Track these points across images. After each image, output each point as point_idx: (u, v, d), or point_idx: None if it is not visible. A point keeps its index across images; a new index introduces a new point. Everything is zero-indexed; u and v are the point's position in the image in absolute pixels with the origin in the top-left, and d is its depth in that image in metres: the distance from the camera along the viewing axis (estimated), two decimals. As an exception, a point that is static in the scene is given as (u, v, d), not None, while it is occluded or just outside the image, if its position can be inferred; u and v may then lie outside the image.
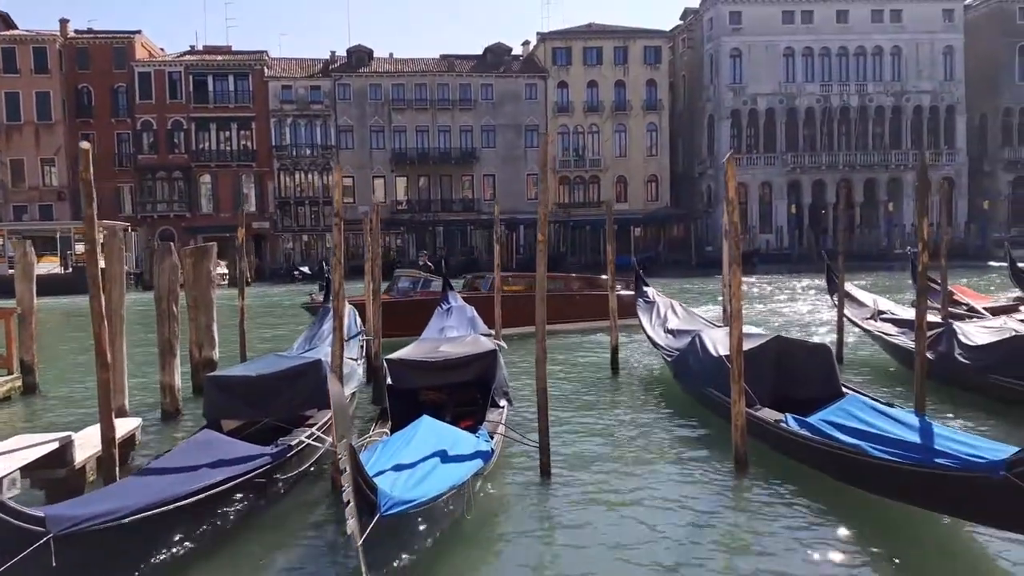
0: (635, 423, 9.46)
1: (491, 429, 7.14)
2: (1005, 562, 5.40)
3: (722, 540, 6.00)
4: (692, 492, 6.97)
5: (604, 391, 11.47)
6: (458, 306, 12.74)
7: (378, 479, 4.52)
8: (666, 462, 7.88)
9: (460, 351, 8.56)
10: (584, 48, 53.51)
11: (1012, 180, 51.18)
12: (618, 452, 8.25)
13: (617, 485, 7.18)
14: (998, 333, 10.12)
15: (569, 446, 8.35)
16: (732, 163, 7.54)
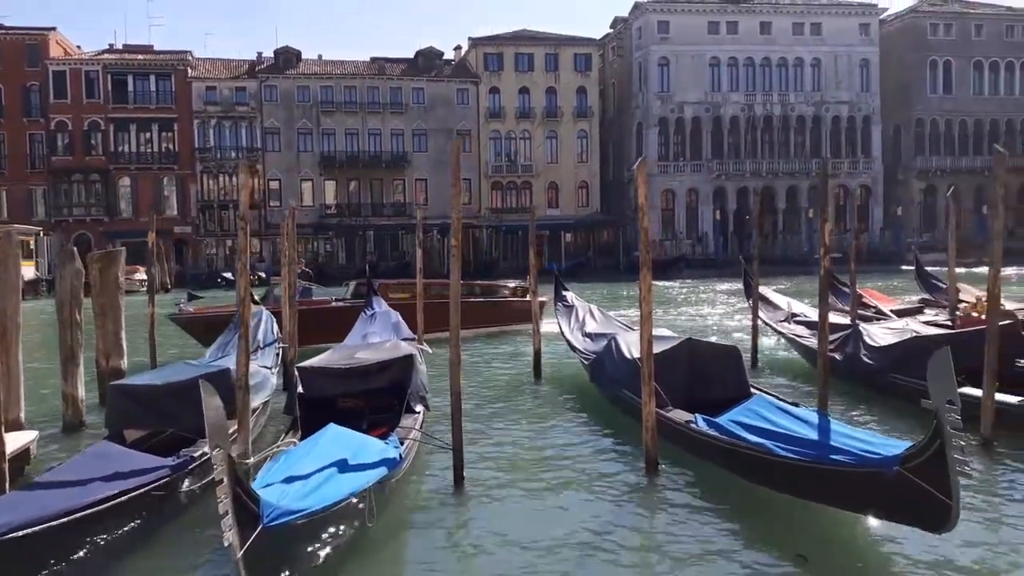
0: (552, 427, 9.52)
1: (404, 435, 7.07)
2: (902, 557, 5.61)
3: (632, 541, 6.08)
4: (604, 494, 7.04)
5: (525, 395, 11.52)
6: (382, 311, 12.60)
7: (268, 489, 4.42)
8: (580, 465, 7.94)
9: (375, 357, 8.46)
10: (516, 54, 53.80)
11: (924, 188, 53.63)
12: (533, 456, 8.29)
13: (530, 489, 7.20)
14: (900, 334, 10.56)
15: (485, 450, 8.34)
16: (642, 170, 7.68)
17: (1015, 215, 50.67)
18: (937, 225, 50.89)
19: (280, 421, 9.28)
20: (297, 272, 28.51)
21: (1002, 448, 7.73)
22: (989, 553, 5.65)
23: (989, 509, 6.44)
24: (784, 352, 13.86)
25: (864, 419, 9.39)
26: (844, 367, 10.57)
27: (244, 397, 6.45)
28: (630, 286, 34.82)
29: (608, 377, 9.90)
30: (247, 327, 6.39)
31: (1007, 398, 8.07)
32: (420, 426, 7.59)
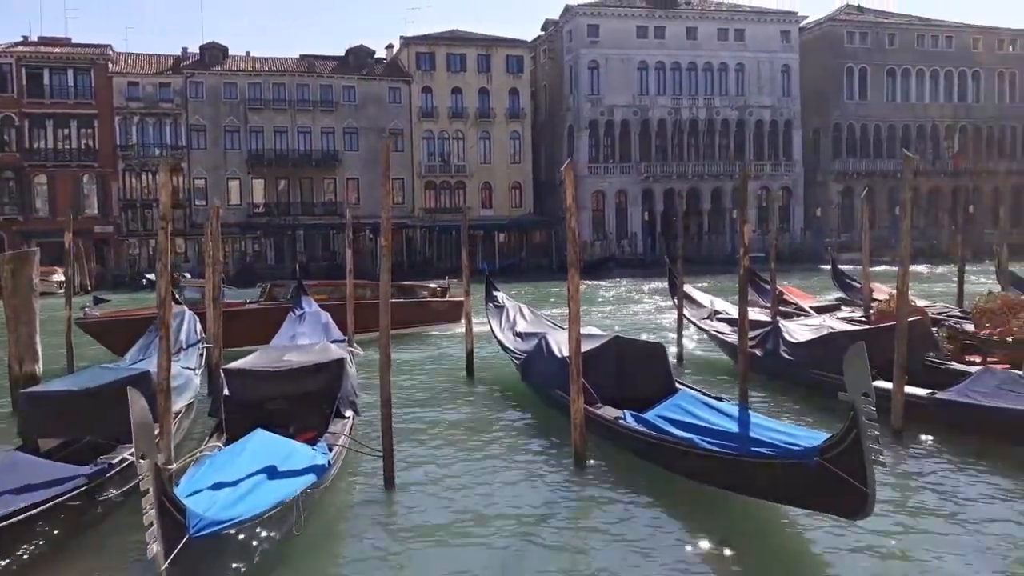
0: (483, 426, 9.56)
1: (333, 441, 6.99)
2: (820, 543, 5.84)
3: (562, 536, 6.17)
4: (534, 492, 7.12)
5: (457, 395, 11.53)
6: (311, 312, 12.41)
7: (193, 498, 4.33)
8: (511, 463, 8.01)
9: (304, 359, 8.34)
10: (448, 54, 53.65)
11: (841, 190, 55.75)
12: (464, 456, 8.32)
13: (461, 489, 7.22)
14: (817, 331, 10.98)
15: (416, 453, 8.33)
16: (570, 172, 7.79)
17: (926, 216, 53.22)
18: (855, 226, 52.99)
19: (204, 424, 9.07)
20: (200, 274, 27.41)
21: (911, 439, 8.14)
22: (901, 539, 5.95)
23: (900, 497, 6.77)
24: (708, 349, 14.23)
25: (784, 412, 9.73)
26: (765, 362, 10.93)
27: (166, 401, 6.28)
28: (562, 285, 35.05)
29: (539, 375, 10.00)
30: (168, 328, 6.23)
31: (916, 391, 8.49)
32: (349, 432, 7.52)
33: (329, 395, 8.07)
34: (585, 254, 48.33)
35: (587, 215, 52.86)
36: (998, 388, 8.02)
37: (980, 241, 38.55)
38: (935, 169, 55.73)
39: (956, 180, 55.68)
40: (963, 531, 6.03)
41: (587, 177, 52.92)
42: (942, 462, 7.61)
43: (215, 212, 9.72)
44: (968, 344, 11.22)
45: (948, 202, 53.91)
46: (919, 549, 5.76)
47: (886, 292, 14.50)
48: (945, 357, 10.33)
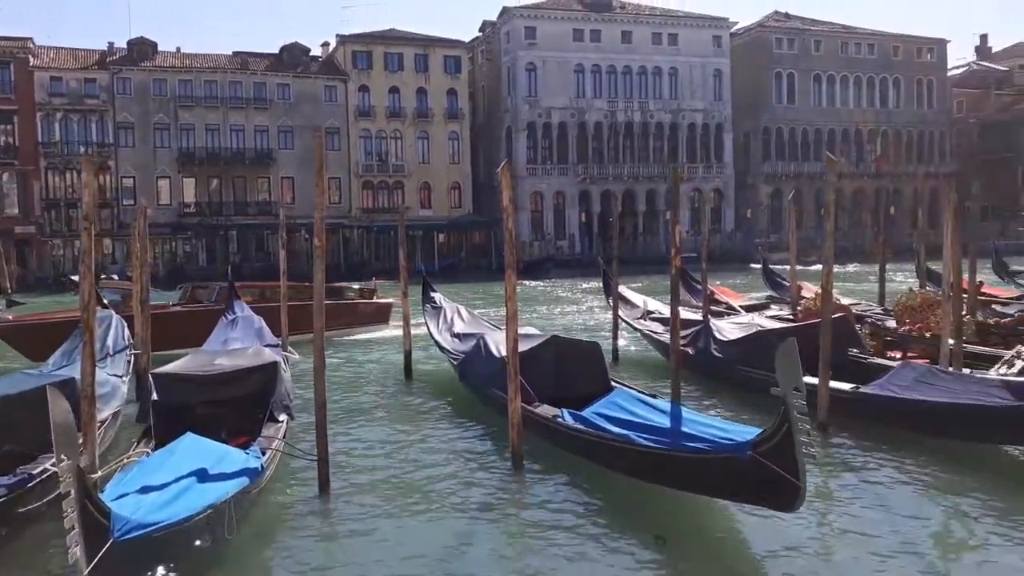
0: (421, 428, 9.54)
1: (266, 445, 6.88)
2: (756, 536, 6.01)
3: (500, 536, 6.21)
4: (472, 492, 7.14)
5: (394, 397, 11.47)
6: (244, 316, 12.14)
7: (119, 502, 4.21)
8: (448, 464, 8.01)
9: (237, 363, 8.17)
10: (385, 53, 53.19)
11: (771, 191, 57.38)
12: (401, 458, 8.28)
13: (398, 491, 7.19)
14: (746, 329, 11.30)
15: (352, 456, 8.25)
16: (506, 173, 7.83)
17: (851, 217, 55.17)
18: (784, 226, 54.57)
19: (132, 431, 8.80)
20: (127, 276, 26.44)
21: (836, 432, 8.45)
22: (829, 528, 6.19)
23: (826, 488, 7.03)
24: (642, 347, 14.47)
25: (716, 408, 9.98)
26: (696, 360, 11.18)
27: (90, 408, 6.07)
28: (501, 286, 35.09)
29: (477, 376, 10.02)
30: (92, 333, 6.03)
31: (841, 385, 8.81)
32: (283, 435, 7.40)
33: (262, 399, 7.93)
34: (524, 254, 48.54)
35: (526, 216, 53.10)
36: (917, 381, 8.38)
37: (901, 241, 40.16)
38: (859, 172, 57.85)
39: (878, 182, 57.93)
40: (885, 519, 6.30)
41: (525, 178, 53.18)
42: (865, 453, 7.92)
43: (142, 212, 9.44)
44: (889, 340, 11.70)
45: (871, 203, 56.02)
46: (846, 538, 6.00)
47: (813, 291, 15.00)
48: (868, 352, 10.74)
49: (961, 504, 6.59)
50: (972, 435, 7.68)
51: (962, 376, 8.55)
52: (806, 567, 5.54)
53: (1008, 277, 19.94)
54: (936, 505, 6.64)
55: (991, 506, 6.47)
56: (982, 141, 63.22)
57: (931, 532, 6.11)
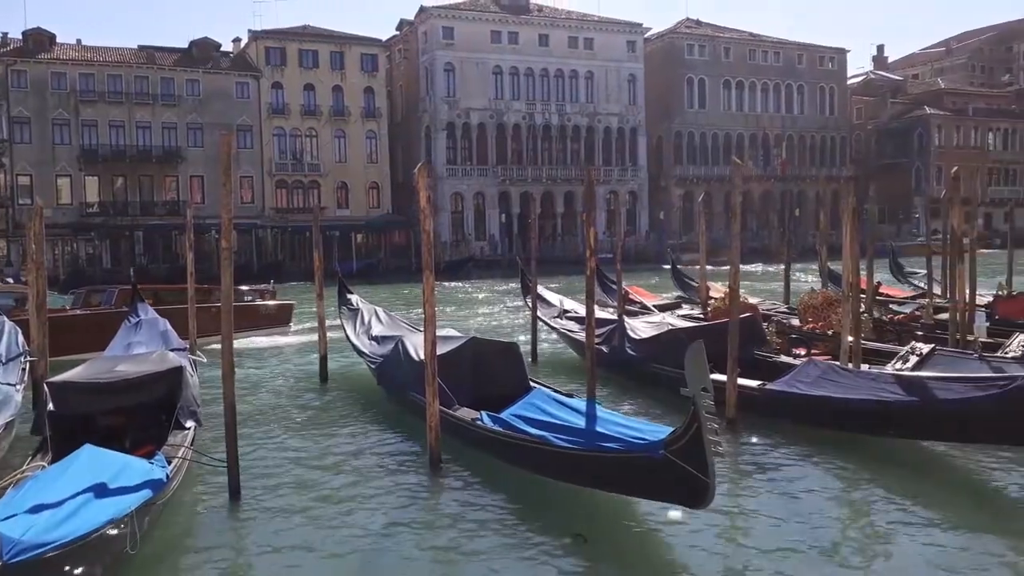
0: (337, 433, 9.38)
1: (171, 453, 6.62)
2: (669, 533, 6.17)
3: (417, 541, 6.15)
4: (388, 498, 7.06)
5: (309, 402, 11.24)
6: (148, 319, 11.63)
7: (9, 522, 3.97)
8: (364, 469, 7.90)
9: (140, 370, 7.83)
10: (300, 50, 52.07)
11: (682, 194, 58.96)
12: (316, 464, 8.12)
13: (313, 498, 7.05)
14: (658, 328, 11.57)
15: (265, 463, 8.05)
16: (423, 174, 7.79)
17: (758, 218, 57.23)
18: (695, 228, 56.23)
19: (27, 444, 8.33)
20: (21, 279, 24.91)
21: (744, 428, 8.74)
22: (740, 522, 6.40)
23: (735, 483, 7.27)
24: (560, 347, 14.63)
25: (631, 405, 10.20)
26: (611, 358, 11.38)
27: (-21, 420, 5.72)
28: (421, 287, 35.03)
29: (395, 379, 9.92)
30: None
31: (748, 383, 9.12)
32: (191, 443, 7.14)
33: (168, 406, 7.63)
34: (444, 255, 48.36)
35: (446, 216, 52.93)
36: (820, 378, 8.75)
37: (805, 242, 41.92)
38: (766, 175, 60.10)
39: (784, 185, 60.35)
40: (793, 512, 6.57)
41: (445, 179, 53.01)
42: (772, 448, 8.24)
43: (38, 212, 8.94)
44: (794, 338, 12.21)
45: (778, 205, 58.29)
46: (756, 531, 6.22)
47: (721, 290, 15.49)
48: (774, 350, 11.16)
49: (863, 495, 6.93)
50: (871, 429, 8.07)
51: (861, 372, 8.98)
52: (720, 561, 5.72)
53: (903, 277, 21.08)
54: (840, 497, 6.97)
55: (890, 496, 6.83)
56: (879, 147, 66.67)
57: (836, 523, 6.41)
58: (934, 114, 64.92)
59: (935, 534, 6.06)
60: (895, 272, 21.47)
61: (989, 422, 7.08)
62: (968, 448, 7.76)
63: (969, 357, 9.68)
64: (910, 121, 65.71)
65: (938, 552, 5.75)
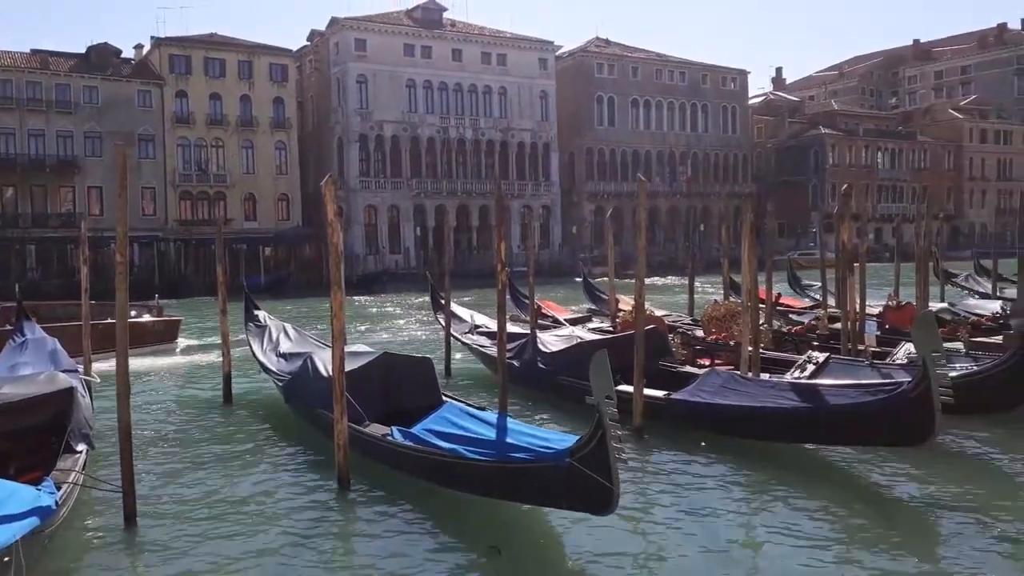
0: (241, 453, 9.10)
1: (62, 478, 6.28)
2: (577, 540, 6.25)
3: (324, 562, 6.03)
4: (294, 518, 6.89)
5: (213, 422, 10.86)
6: (36, 338, 10.98)
7: None
8: (270, 490, 7.69)
9: (25, 391, 7.38)
10: (206, 58, 50.55)
11: (594, 209, 60.09)
12: (218, 486, 7.85)
13: (215, 522, 6.82)
14: (568, 340, 11.75)
15: (164, 486, 7.73)
16: (329, 187, 7.71)
17: (666, 232, 58.88)
18: (606, 242, 57.40)
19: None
20: None
21: (650, 436, 8.96)
22: (645, 528, 6.54)
23: (640, 490, 7.44)
24: (474, 361, 14.65)
25: (542, 419, 10.28)
26: (522, 372, 11.48)
27: None
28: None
29: (303, 396, 9.70)
30: None
31: (654, 392, 9.36)
32: (82, 467, 6.79)
33: (58, 429, 7.23)
34: (357, 269, 47.72)
35: (359, 229, 52.27)
36: (721, 387, 9.08)
37: (710, 255, 43.35)
38: (672, 191, 61.97)
39: (690, 201, 62.36)
40: (696, 517, 6.77)
41: (358, 191, 52.39)
42: (677, 456, 8.47)
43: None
44: (699, 348, 12.60)
45: (683, 220, 60.12)
46: (660, 537, 6.39)
47: (630, 303, 15.86)
48: (679, 361, 11.49)
49: (763, 500, 7.20)
50: (770, 435, 8.42)
51: (760, 381, 9.36)
52: (629, 566, 5.83)
53: (800, 289, 22.06)
54: (741, 502, 7.21)
55: (788, 501, 7.13)
56: (778, 164, 69.77)
57: (737, 527, 6.63)
58: (828, 134, 68.49)
59: (829, 536, 6.35)
60: (793, 284, 22.45)
61: (878, 425, 7.49)
62: (860, 452, 8.17)
63: (861, 365, 10.23)
64: (806, 140, 69.12)
65: (831, 553, 6.04)
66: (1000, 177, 74.75)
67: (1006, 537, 6.15)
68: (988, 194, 73.50)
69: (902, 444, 7.58)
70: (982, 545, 5.97)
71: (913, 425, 7.08)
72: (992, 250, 22.80)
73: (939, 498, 7.04)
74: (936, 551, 6.05)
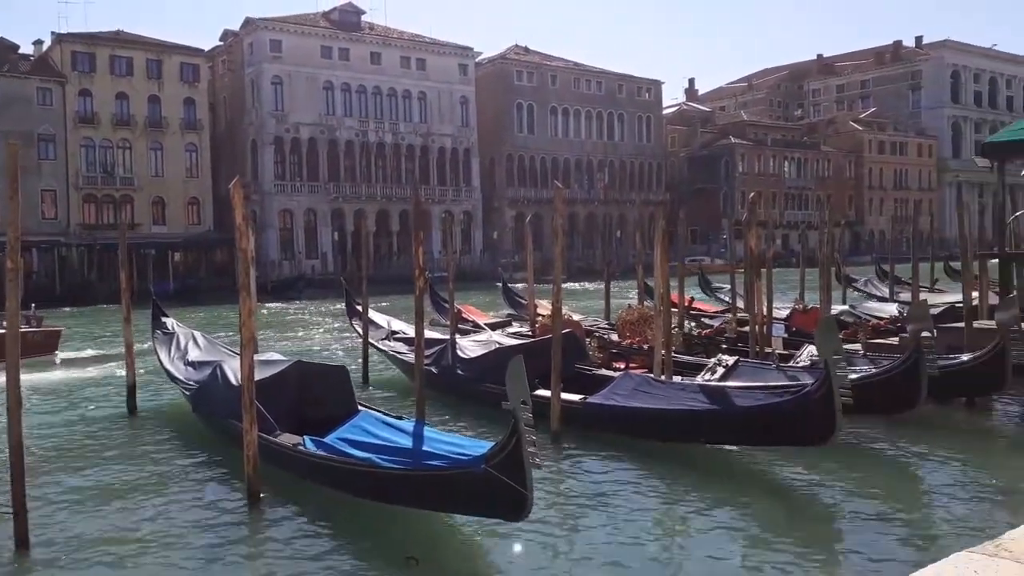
0: (146, 468, 8.72)
1: None
2: (493, 545, 6.25)
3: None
4: (202, 535, 6.63)
5: (115, 435, 10.38)
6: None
7: None
8: (177, 506, 7.39)
9: None
10: (112, 56, 48.49)
11: (515, 215, 60.46)
12: (121, 504, 7.49)
13: (116, 542, 6.50)
14: (486, 346, 11.76)
15: (60, 506, 7.32)
16: (238, 190, 7.49)
17: (584, 238, 59.78)
18: (526, 248, 57.78)
19: None
20: None
21: (567, 440, 9.04)
22: (559, 530, 6.59)
23: (558, 495, 7.49)
24: (392, 368, 14.47)
25: (461, 425, 10.25)
26: (441, 378, 11.42)
27: None
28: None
29: (212, 407, 9.39)
30: None
31: (571, 396, 9.46)
32: None
33: None
34: (272, 274, 46.57)
35: (274, 234, 51.10)
36: (635, 390, 9.25)
37: (626, 261, 44.21)
38: (590, 198, 63.01)
39: (607, 208, 63.49)
40: (611, 519, 6.85)
41: (273, 195, 51.22)
42: (592, 459, 8.57)
43: None
44: (614, 352, 12.81)
45: (601, 226, 61.19)
46: (576, 541, 6.45)
47: (548, 308, 16.02)
48: (596, 365, 11.65)
49: (676, 500, 7.37)
50: (683, 437, 8.61)
51: (672, 384, 9.58)
52: (545, 571, 5.86)
53: (711, 293, 22.74)
54: (655, 502, 7.36)
55: (701, 500, 7.30)
56: (690, 173, 71.81)
57: (652, 527, 6.77)
58: (738, 143, 70.92)
59: (740, 533, 6.55)
60: (704, 288, 23.10)
61: (784, 426, 7.77)
62: (767, 452, 8.45)
63: (768, 367, 10.60)
64: (717, 150, 71.38)
65: (741, 549, 6.23)
66: (896, 186, 79.05)
67: (903, 529, 6.50)
68: (886, 202, 77.55)
69: (807, 444, 7.87)
70: (881, 537, 6.27)
71: (816, 425, 7.37)
72: (890, 255, 23.98)
73: (842, 495, 7.35)
74: (839, 544, 6.33)
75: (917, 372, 8.55)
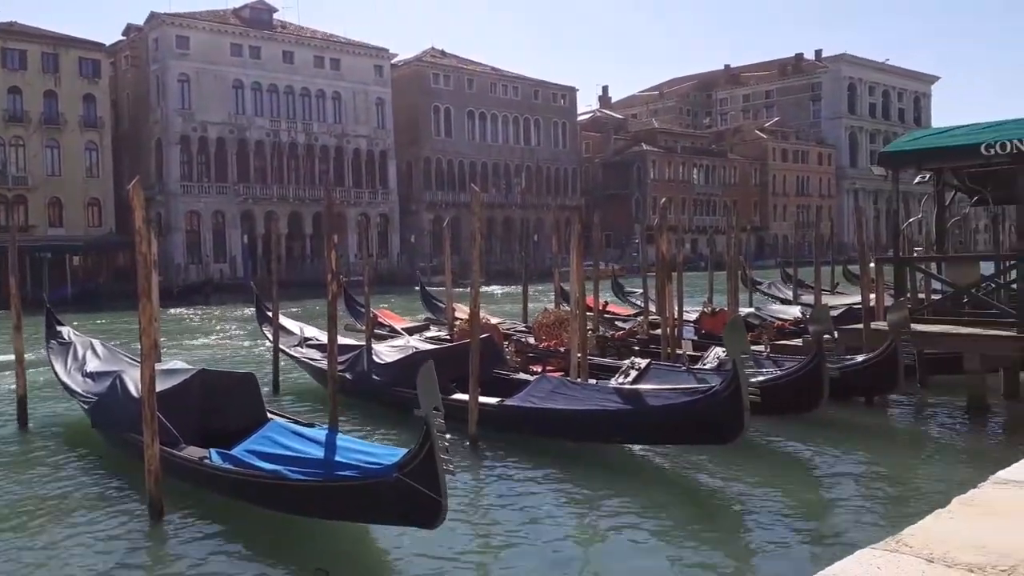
0: (39, 487, 8.22)
1: None
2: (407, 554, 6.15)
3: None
4: (100, 557, 6.29)
5: (5, 452, 9.75)
6: None
7: None
8: (74, 527, 6.99)
9: None
10: (3, 49, 45.83)
11: (432, 218, 60.19)
12: (10, 525, 7.03)
13: (8, 570, 6.09)
14: (402, 351, 11.62)
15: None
16: (138, 191, 7.17)
17: (502, 242, 60.03)
18: (444, 251, 57.58)
19: None
20: None
21: (485, 444, 9.02)
22: (475, 535, 6.56)
23: (473, 498, 7.46)
24: (304, 376, 14.13)
25: (376, 433, 10.09)
26: (356, 384, 11.21)
27: None
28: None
29: (112, 420, 8.92)
30: None
31: (488, 400, 9.44)
32: None
33: None
34: (178, 279, 44.90)
35: (180, 236, 49.32)
36: (552, 392, 9.31)
37: (543, 265, 44.65)
38: (508, 202, 63.35)
39: (524, 212, 63.98)
40: (529, 522, 6.87)
41: (179, 196, 49.42)
42: (509, 462, 8.58)
43: None
44: (531, 355, 12.87)
45: (518, 230, 61.56)
46: (492, 545, 6.43)
47: (466, 312, 15.96)
48: (513, 368, 11.67)
49: (592, 500, 7.44)
50: (598, 437, 8.74)
51: (587, 386, 9.70)
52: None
53: (623, 297, 23.17)
54: (571, 502, 7.42)
55: (615, 499, 7.40)
56: (604, 178, 73.17)
57: (568, 528, 6.81)
58: (649, 150, 72.73)
59: (652, 530, 6.66)
60: (616, 292, 23.52)
61: (694, 425, 7.98)
62: (678, 450, 8.66)
63: (678, 369, 10.86)
64: (630, 156, 73.01)
65: (654, 546, 6.34)
66: (799, 193, 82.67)
67: (809, 524, 6.77)
68: (789, 208, 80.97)
69: (716, 442, 8.10)
70: (789, 534, 6.51)
71: (725, 424, 7.58)
72: (793, 259, 24.98)
73: (749, 493, 7.58)
74: (749, 542, 6.51)
75: (819, 374, 8.91)
